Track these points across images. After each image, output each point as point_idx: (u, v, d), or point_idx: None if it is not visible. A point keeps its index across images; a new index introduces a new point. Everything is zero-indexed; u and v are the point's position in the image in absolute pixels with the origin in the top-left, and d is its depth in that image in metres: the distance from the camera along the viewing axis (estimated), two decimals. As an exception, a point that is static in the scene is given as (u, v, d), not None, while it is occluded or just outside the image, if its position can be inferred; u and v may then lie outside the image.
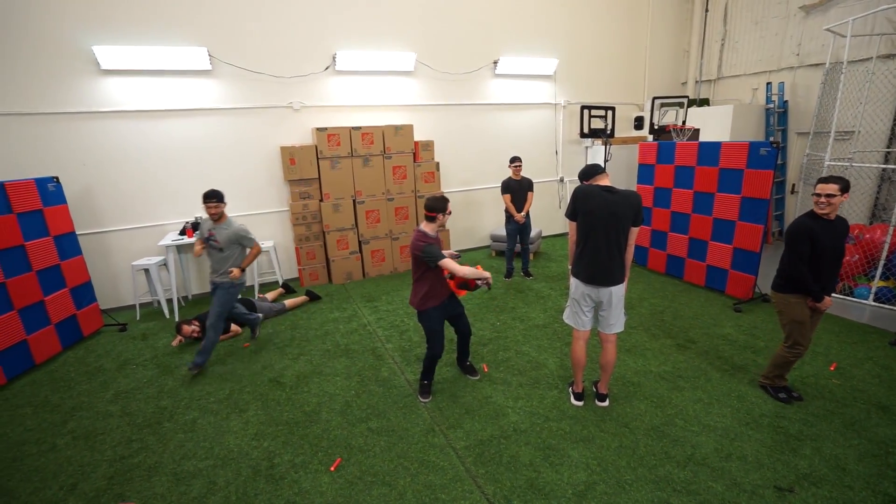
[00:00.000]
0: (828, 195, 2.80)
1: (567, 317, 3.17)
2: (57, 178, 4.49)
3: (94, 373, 3.99)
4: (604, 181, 2.94)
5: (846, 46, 4.80)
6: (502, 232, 6.97)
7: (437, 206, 3.09)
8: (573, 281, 3.03)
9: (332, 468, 2.71)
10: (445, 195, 3.19)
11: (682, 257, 5.58)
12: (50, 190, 4.39)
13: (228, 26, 5.32)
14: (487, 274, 3.10)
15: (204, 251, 3.92)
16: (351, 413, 3.25)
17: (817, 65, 6.46)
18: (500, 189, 5.65)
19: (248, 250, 4.03)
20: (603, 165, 2.97)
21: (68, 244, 4.55)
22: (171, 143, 5.35)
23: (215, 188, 3.85)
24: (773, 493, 2.40)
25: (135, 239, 5.38)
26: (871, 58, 5.57)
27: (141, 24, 4.93)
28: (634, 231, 2.88)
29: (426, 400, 3.34)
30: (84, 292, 4.70)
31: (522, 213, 5.57)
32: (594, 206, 2.83)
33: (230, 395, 3.54)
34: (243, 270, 3.97)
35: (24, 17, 4.51)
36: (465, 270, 3.03)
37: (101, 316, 4.91)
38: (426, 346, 3.31)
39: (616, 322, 3.00)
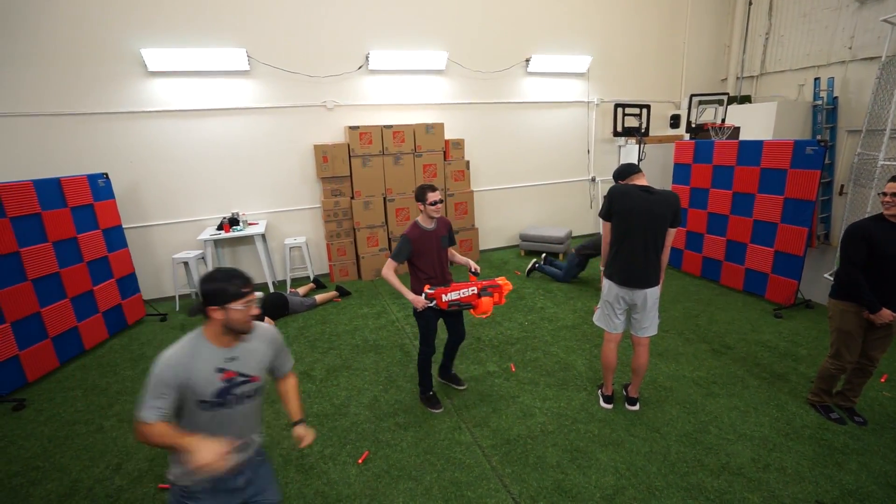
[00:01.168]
0: (893, 194, 2.55)
1: (598, 319, 3.10)
2: (107, 174, 4.75)
3: (137, 359, 4.20)
4: (640, 181, 2.85)
5: (905, 39, 4.51)
6: (533, 231, 6.91)
7: (417, 195, 2.99)
8: (606, 283, 2.95)
9: (360, 461, 2.76)
10: (432, 184, 3.01)
11: (719, 260, 5.38)
12: (100, 185, 4.64)
13: (266, 27, 5.48)
14: (422, 302, 2.95)
15: None
16: (378, 408, 3.30)
17: (872, 58, 6.09)
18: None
19: None
20: (637, 165, 2.88)
21: (115, 237, 4.81)
22: (211, 141, 5.56)
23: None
24: (815, 508, 2.29)
25: (175, 233, 5.63)
26: (933, 50, 5.21)
27: (184, 26, 5.14)
28: (672, 232, 2.79)
29: (438, 410, 3.22)
30: (129, 283, 4.95)
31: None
32: (631, 205, 2.75)
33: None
34: None
35: (76, 23, 4.78)
36: (397, 286, 2.91)
37: (143, 306, 5.16)
38: (419, 345, 3.21)
39: (650, 325, 2.93)
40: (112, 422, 3.27)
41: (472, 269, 3.10)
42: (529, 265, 5.90)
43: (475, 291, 2.96)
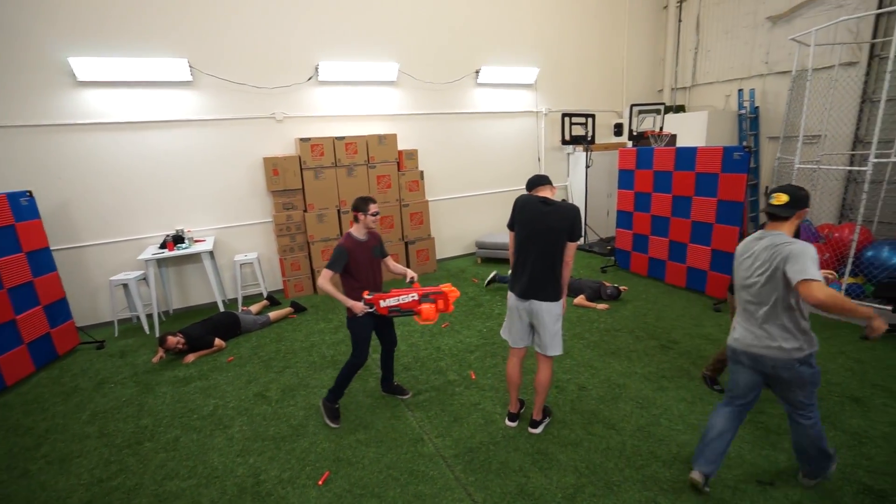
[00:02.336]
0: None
1: (503, 331, 3.04)
2: (30, 192, 4.38)
3: (69, 393, 3.86)
4: (545, 192, 2.80)
5: (810, 55, 5.01)
6: (488, 239, 7.02)
7: (357, 206, 3.03)
8: (509, 294, 2.92)
9: (320, 482, 2.67)
10: (371, 196, 3.02)
11: (663, 260, 5.70)
12: (23, 204, 4.27)
13: (209, 37, 5.29)
14: (361, 307, 2.95)
15: None
16: (338, 425, 3.21)
17: (785, 72, 6.72)
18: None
19: None
20: (547, 176, 2.88)
21: (42, 260, 4.43)
22: (152, 155, 5.26)
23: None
24: (755, 488, 2.45)
25: (113, 253, 5.26)
26: (834, 66, 5.83)
27: (119, 35, 4.87)
28: (571, 247, 2.71)
29: (336, 425, 3.17)
30: (59, 310, 4.56)
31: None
32: (528, 216, 2.73)
33: (214, 411, 3.46)
34: None
35: (-6, 30, 4.42)
36: (335, 294, 2.91)
37: (77, 333, 4.77)
38: (351, 355, 3.17)
39: (551, 344, 2.81)
40: (40, 464, 2.98)
41: (409, 279, 3.14)
42: (490, 276, 5.93)
43: (416, 298, 2.99)
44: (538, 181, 2.89)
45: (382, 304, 3.00)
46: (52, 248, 4.65)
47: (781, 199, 2.18)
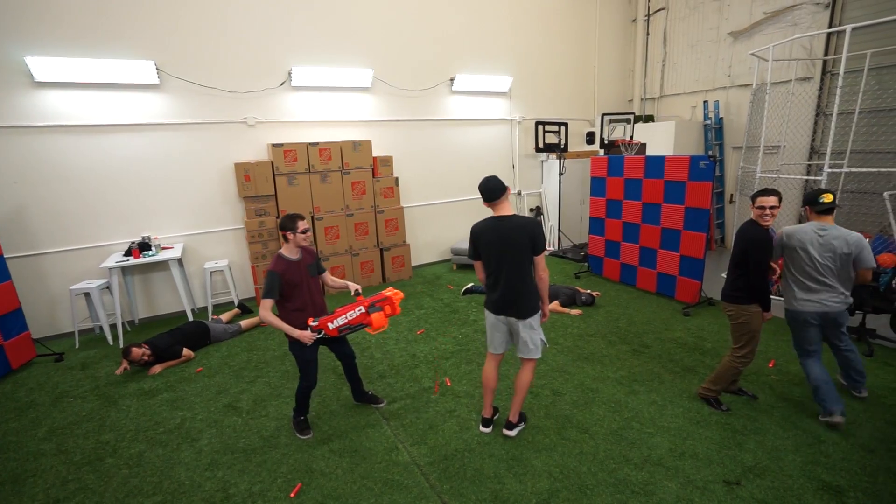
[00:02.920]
0: (771, 207, 2.89)
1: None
2: (-17, 197, 4.16)
3: (24, 408, 3.66)
4: (502, 207, 2.77)
5: (769, 69, 5.26)
6: (463, 245, 7.05)
7: (284, 224, 2.90)
8: (486, 311, 2.96)
9: (292, 494, 2.61)
10: (298, 213, 2.94)
11: (634, 265, 5.85)
12: (-26, 211, 4.04)
13: (178, 40, 5.16)
14: (309, 336, 2.89)
15: None
16: (311, 435, 3.14)
17: (746, 85, 7.04)
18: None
19: None
20: (503, 187, 2.76)
21: (-5, 269, 4.20)
22: (116, 159, 5.08)
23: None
24: (723, 488, 2.52)
25: (74, 261, 5.03)
26: (791, 80, 6.14)
27: (81, 35, 4.70)
28: (539, 260, 2.74)
29: (307, 436, 3.12)
30: (13, 321, 4.33)
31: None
32: (488, 239, 2.74)
33: (181, 424, 3.34)
34: None
35: (-55, 26, 4.20)
36: (278, 325, 2.85)
37: (33, 346, 4.53)
38: (300, 378, 3.09)
39: (533, 349, 2.85)
40: (-10, 485, 2.81)
41: (353, 293, 3.11)
42: (467, 286, 5.93)
43: (363, 310, 2.95)
44: (493, 192, 2.74)
45: (331, 326, 2.92)
46: (6, 255, 4.42)
47: (830, 197, 2.91)
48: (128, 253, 4.92)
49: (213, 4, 5.28)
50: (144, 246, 4.94)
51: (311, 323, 2.92)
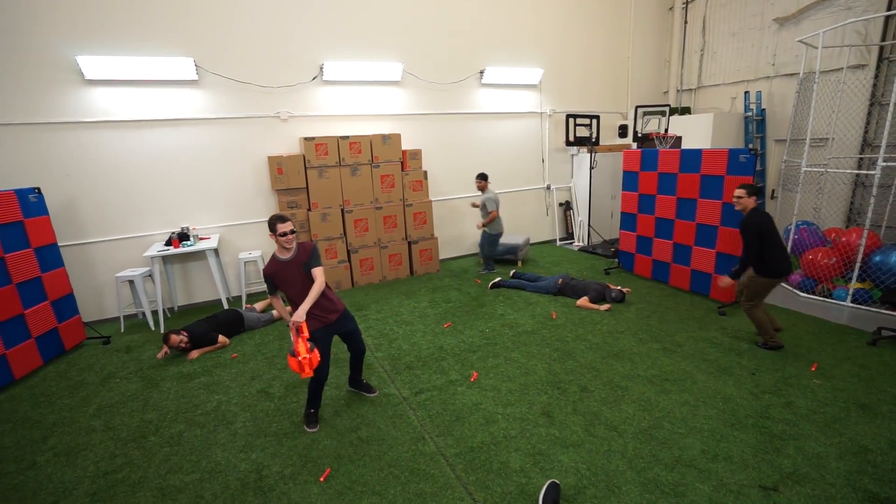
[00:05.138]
0: (738, 197, 3.84)
1: None
2: (38, 188, 4.42)
3: (76, 387, 3.90)
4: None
5: (818, 57, 4.98)
6: (491, 239, 7.01)
7: (269, 225, 2.97)
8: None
9: (322, 479, 2.69)
10: (283, 214, 2.99)
11: (667, 262, 5.68)
12: (31, 201, 4.31)
13: (215, 37, 5.33)
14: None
15: None
16: (340, 423, 3.22)
17: (792, 74, 6.68)
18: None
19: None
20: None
21: (50, 256, 4.47)
22: (157, 153, 5.31)
23: (482, 171, 6.14)
24: (759, 493, 2.44)
25: (119, 250, 5.30)
26: (842, 68, 5.79)
27: (126, 34, 4.91)
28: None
29: (313, 430, 3.15)
30: (66, 305, 4.60)
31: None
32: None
33: (217, 407, 3.49)
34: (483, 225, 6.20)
35: (6, 28, 4.46)
36: (283, 313, 3.15)
37: (83, 329, 4.81)
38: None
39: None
40: (47, 456, 3.01)
41: (293, 327, 2.89)
42: (495, 280, 5.92)
43: (292, 344, 2.87)
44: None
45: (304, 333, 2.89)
46: (60, 244, 4.70)
47: None
48: (168, 243, 5.14)
49: (249, 1, 5.41)
50: (183, 236, 5.15)
51: (298, 319, 2.89)
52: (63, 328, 4.53)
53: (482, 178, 6.22)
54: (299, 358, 2.75)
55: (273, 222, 2.96)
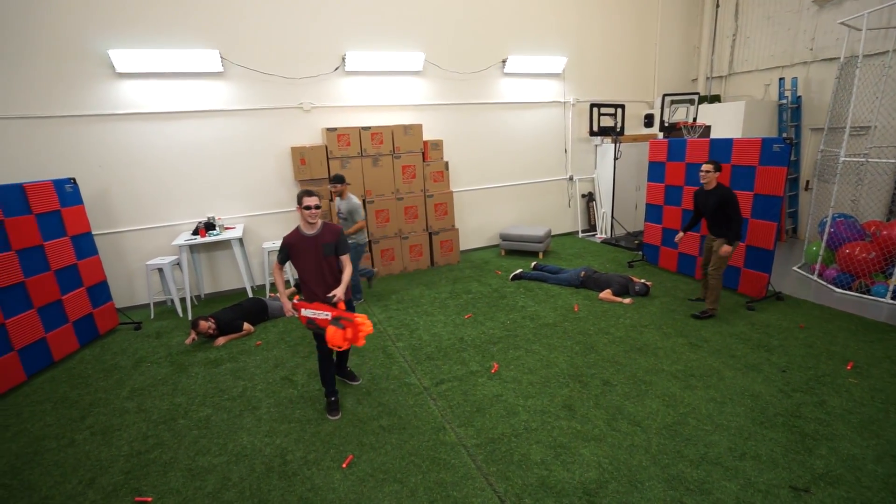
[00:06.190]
0: (706, 172, 4.30)
1: None
2: (74, 179, 4.58)
3: (110, 370, 4.06)
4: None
5: (861, 40, 4.72)
6: (512, 231, 6.96)
7: (297, 198, 3.05)
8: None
9: (344, 465, 2.73)
10: (311, 189, 3.11)
11: (693, 255, 5.53)
12: (67, 191, 4.47)
13: (240, 29, 5.38)
14: (288, 309, 3.12)
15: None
16: (362, 411, 3.27)
17: (831, 59, 6.36)
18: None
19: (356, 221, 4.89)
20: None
21: (85, 244, 4.64)
22: (185, 144, 5.43)
23: (338, 173, 4.84)
24: (789, 493, 2.37)
25: (149, 239, 5.47)
26: (888, 51, 5.46)
27: (155, 27, 5.01)
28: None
29: (336, 417, 3.19)
30: (100, 291, 4.78)
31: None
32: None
33: (243, 393, 3.58)
34: (347, 233, 4.75)
35: (41, 23, 4.61)
36: (278, 285, 3.17)
37: (116, 314, 5.00)
38: (316, 347, 3.23)
39: None
40: (84, 435, 3.15)
41: (335, 298, 3.00)
42: (516, 272, 5.88)
43: (328, 318, 2.95)
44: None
45: (303, 312, 3.02)
46: (94, 232, 4.87)
47: None
48: (195, 232, 5.27)
49: (273, -8, 5.44)
50: (210, 226, 5.27)
51: (295, 300, 3.12)
52: (98, 313, 4.71)
53: (339, 181, 4.85)
54: (355, 321, 2.93)
55: (301, 196, 3.03)
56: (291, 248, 3.08)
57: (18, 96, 4.66)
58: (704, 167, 4.33)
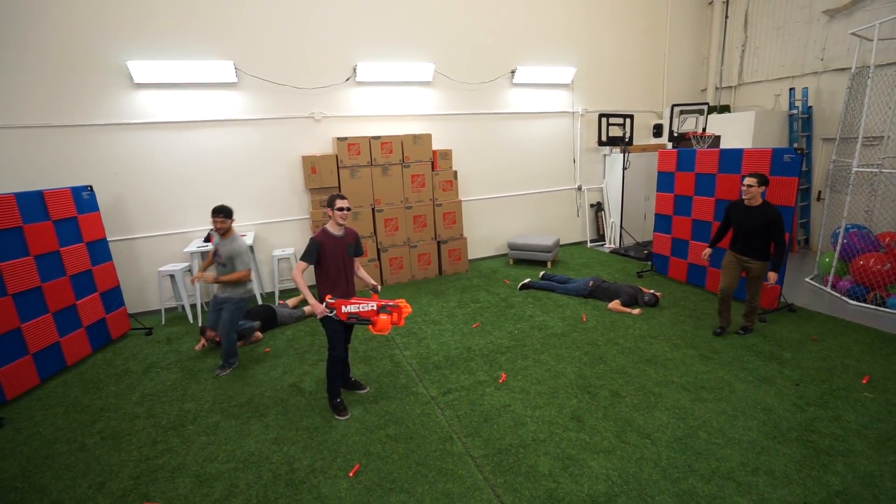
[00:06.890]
0: (749, 186, 3.93)
1: None
2: (91, 186, 4.68)
3: (121, 375, 4.11)
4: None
5: (873, 50, 4.69)
6: (521, 240, 6.95)
7: (328, 202, 3.24)
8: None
9: (351, 474, 2.73)
10: (341, 193, 3.32)
11: (703, 266, 5.48)
12: (84, 198, 4.57)
13: (253, 40, 5.50)
14: (321, 310, 3.12)
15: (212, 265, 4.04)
16: (369, 420, 3.27)
17: (842, 69, 6.32)
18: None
19: (237, 270, 3.84)
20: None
21: (100, 250, 4.73)
22: (199, 153, 5.53)
23: (225, 204, 3.92)
24: (803, 510, 2.32)
25: (161, 245, 5.55)
26: (901, 62, 5.43)
27: (171, 39, 5.14)
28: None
29: (344, 417, 3.28)
30: (113, 297, 4.85)
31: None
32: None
33: (251, 400, 3.60)
34: (217, 281, 3.85)
35: (61, 34, 4.75)
36: (302, 288, 3.14)
37: (128, 320, 5.06)
38: (328, 353, 3.30)
39: None
40: (95, 439, 3.18)
41: (372, 287, 3.35)
42: (524, 281, 5.87)
43: (374, 308, 3.09)
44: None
45: (343, 309, 3.11)
46: (109, 238, 4.95)
47: None
48: (206, 239, 5.34)
49: (285, 4, 5.55)
50: (221, 233, 5.33)
51: (328, 300, 3.15)
52: (110, 319, 4.78)
53: (225, 213, 3.85)
54: (399, 306, 3.12)
55: (332, 199, 3.21)
56: (323, 246, 3.18)
57: (42, 106, 4.79)
58: (747, 180, 3.92)
